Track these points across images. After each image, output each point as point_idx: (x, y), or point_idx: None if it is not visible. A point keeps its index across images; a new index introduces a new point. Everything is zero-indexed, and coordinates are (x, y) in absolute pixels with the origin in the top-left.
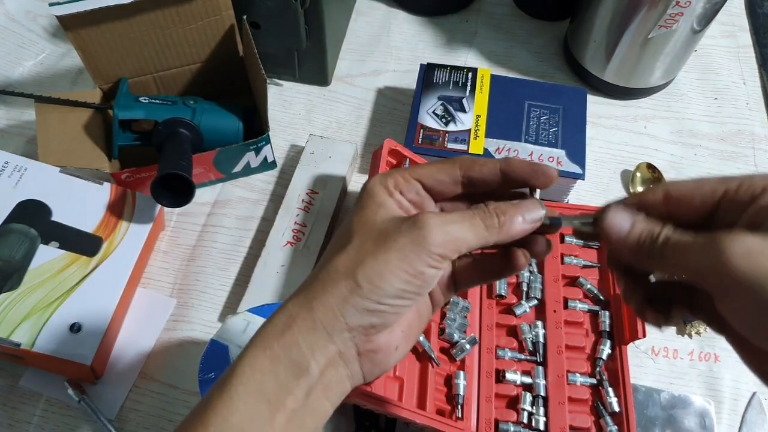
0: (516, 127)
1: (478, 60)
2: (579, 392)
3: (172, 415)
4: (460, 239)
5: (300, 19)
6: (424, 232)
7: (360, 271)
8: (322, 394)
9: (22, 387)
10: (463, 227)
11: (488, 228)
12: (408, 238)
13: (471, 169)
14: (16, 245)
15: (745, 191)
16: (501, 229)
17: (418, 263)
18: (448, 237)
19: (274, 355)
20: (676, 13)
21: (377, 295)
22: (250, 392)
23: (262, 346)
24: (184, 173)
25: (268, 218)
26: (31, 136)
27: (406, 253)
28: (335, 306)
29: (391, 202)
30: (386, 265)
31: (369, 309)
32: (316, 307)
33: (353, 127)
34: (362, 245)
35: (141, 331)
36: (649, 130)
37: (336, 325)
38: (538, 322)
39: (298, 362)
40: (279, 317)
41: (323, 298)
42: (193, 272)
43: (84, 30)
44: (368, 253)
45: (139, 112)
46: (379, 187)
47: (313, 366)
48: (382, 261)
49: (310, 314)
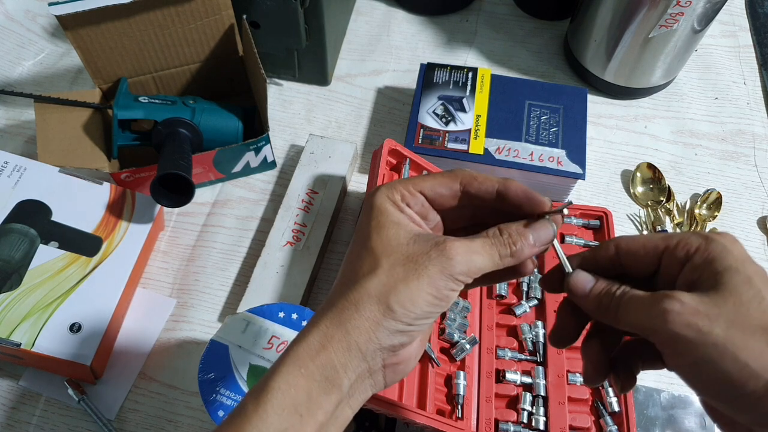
0: (516, 126)
1: (478, 60)
2: (579, 392)
3: (171, 416)
4: (480, 267)
5: (300, 19)
6: (452, 263)
7: (393, 297)
8: (347, 403)
9: (22, 387)
10: (483, 257)
11: (502, 258)
12: (437, 267)
13: (470, 185)
14: (15, 245)
15: (681, 249)
16: (514, 257)
17: (444, 288)
18: (471, 265)
19: (309, 374)
20: (677, 12)
21: (408, 318)
22: (284, 406)
23: (297, 364)
24: (183, 173)
25: (268, 218)
26: (30, 136)
27: (435, 279)
28: (370, 330)
29: (405, 219)
30: (418, 292)
31: (400, 330)
32: (351, 330)
33: (353, 127)
34: (392, 270)
35: (141, 331)
36: (650, 130)
37: (370, 347)
38: (538, 322)
39: (331, 380)
40: (313, 336)
41: (357, 321)
42: (192, 272)
43: (83, 30)
44: (399, 279)
45: (139, 111)
46: (388, 203)
47: (346, 383)
48: (414, 288)
49: (345, 337)
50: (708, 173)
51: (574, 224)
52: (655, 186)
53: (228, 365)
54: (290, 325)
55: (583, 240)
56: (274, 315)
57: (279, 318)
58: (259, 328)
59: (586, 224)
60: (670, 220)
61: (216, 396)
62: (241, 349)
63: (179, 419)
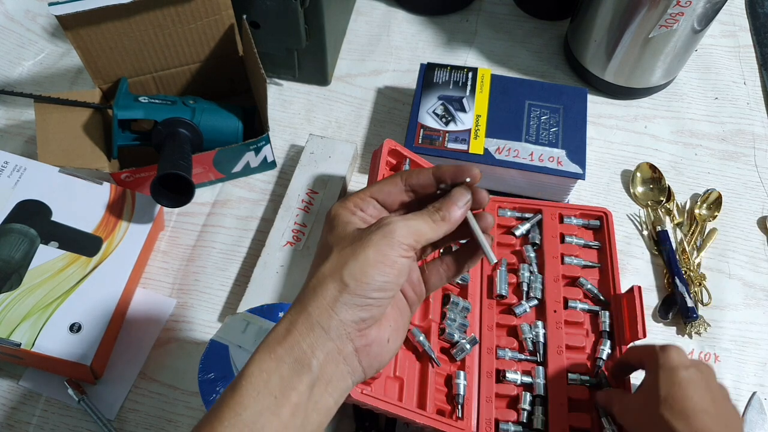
0: (516, 126)
1: (478, 60)
2: (579, 392)
3: (171, 416)
4: (419, 231)
5: (300, 19)
6: (391, 227)
7: (345, 270)
8: (324, 389)
9: (22, 387)
10: (418, 221)
11: (435, 221)
12: (379, 235)
13: (410, 178)
14: (15, 245)
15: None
16: (444, 220)
17: (391, 254)
18: (410, 229)
19: (278, 357)
20: (677, 12)
21: (363, 289)
22: (258, 390)
23: (267, 350)
24: (183, 173)
25: (268, 218)
26: (30, 136)
27: (380, 246)
28: (328, 305)
29: (355, 219)
30: (365, 261)
31: (358, 304)
32: (312, 310)
33: (353, 127)
34: (341, 252)
35: (141, 331)
36: (650, 130)
37: (331, 323)
38: (538, 322)
39: (300, 360)
40: (281, 324)
41: (316, 300)
42: (192, 272)
43: (83, 30)
44: (348, 255)
45: (139, 111)
46: (341, 209)
47: (314, 363)
48: (361, 259)
49: (308, 318)
50: (708, 173)
51: (574, 224)
52: (655, 186)
53: (228, 365)
54: None
55: (583, 240)
56: (274, 315)
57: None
58: (259, 328)
59: (586, 224)
60: (670, 220)
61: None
62: (241, 349)
63: (179, 419)
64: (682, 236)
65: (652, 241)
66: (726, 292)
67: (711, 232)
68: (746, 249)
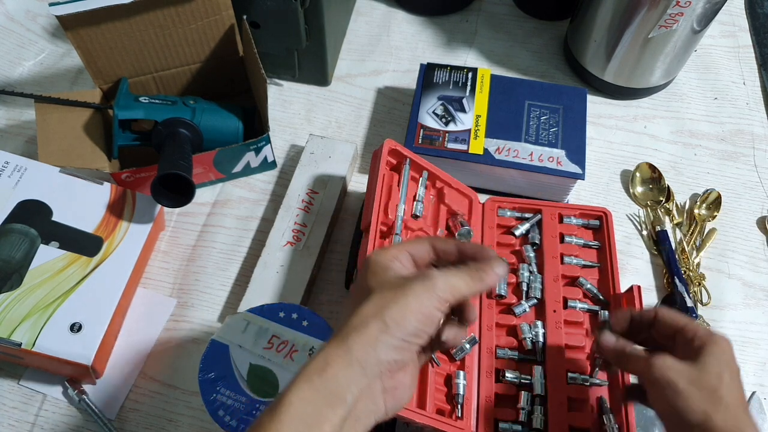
0: (516, 126)
1: (478, 60)
2: (578, 392)
3: (172, 415)
4: (457, 288)
5: (300, 19)
6: (433, 281)
7: (386, 312)
8: (353, 424)
9: (23, 387)
10: (457, 279)
11: (474, 279)
12: (420, 286)
13: (437, 242)
14: (16, 245)
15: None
16: (482, 280)
17: (429, 305)
18: (448, 285)
19: (315, 387)
20: (676, 13)
21: (401, 332)
22: (293, 418)
23: (306, 379)
24: (184, 173)
25: (268, 218)
26: (31, 136)
27: (420, 296)
28: (368, 344)
29: (395, 266)
30: (406, 307)
31: (395, 345)
32: (352, 346)
33: (353, 127)
34: (383, 295)
35: (141, 331)
36: (649, 130)
37: (369, 360)
38: (537, 322)
39: (335, 393)
40: (320, 356)
41: (357, 338)
42: (193, 272)
43: (84, 30)
44: (389, 299)
45: (139, 111)
46: (381, 257)
47: (349, 397)
48: (402, 304)
49: (347, 353)
50: (707, 173)
51: (574, 224)
52: (655, 186)
53: (228, 365)
54: (290, 325)
55: (582, 240)
56: (274, 315)
57: (279, 318)
58: (259, 328)
59: (586, 224)
60: (670, 220)
61: (216, 396)
62: (242, 348)
63: (179, 419)
64: (682, 236)
65: (652, 241)
66: (725, 292)
67: (710, 232)
68: (746, 249)
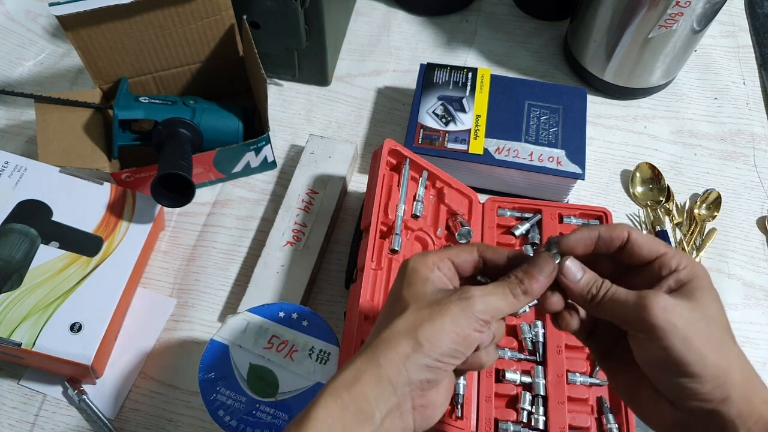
0: (516, 127)
1: (478, 60)
2: (579, 392)
3: (172, 415)
4: (497, 308)
5: (300, 19)
6: (471, 301)
7: (420, 332)
8: None
9: (23, 387)
10: (498, 298)
11: (516, 296)
12: (458, 307)
13: (486, 252)
14: (16, 245)
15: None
16: (526, 293)
17: (466, 327)
18: (488, 306)
19: (344, 404)
20: (676, 13)
21: (435, 352)
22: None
23: (334, 395)
24: (184, 173)
25: (268, 218)
26: (31, 136)
27: (457, 318)
28: (400, 362)
29: (434, 276)
30: (442, 328)
31: (428, 365)
32: (383, 363)
33: (353, 127)
34: (419, 311)
35: (141, 331)
36: (649, 130)
37: (399, 379)
38: (538, 322)
39: (364, 411)
40: (349, 370)
41: (389, 355)
42: (193, 272)
43: (84, 30)
44: (425, 317)
45: (139, 111)
46: (420, 265)
47: (377, 415)
48: (438, 325)
49: (377, 370)
50: (707, 173)
51: (574, 224)
52: (655, 186)
53: (228, 365)
54: (290, 325)
55: None
56: (275, 315)
57: (279, 318)
58: (259, 328)
59: (586, 224)
60: (670, 220)
61: (216, 396)
62: (242, 348)
63: (179, 419)
64: (682, 236)
65: None
66: (725, 292)
67: (710, 232)
68: (746, 249)
